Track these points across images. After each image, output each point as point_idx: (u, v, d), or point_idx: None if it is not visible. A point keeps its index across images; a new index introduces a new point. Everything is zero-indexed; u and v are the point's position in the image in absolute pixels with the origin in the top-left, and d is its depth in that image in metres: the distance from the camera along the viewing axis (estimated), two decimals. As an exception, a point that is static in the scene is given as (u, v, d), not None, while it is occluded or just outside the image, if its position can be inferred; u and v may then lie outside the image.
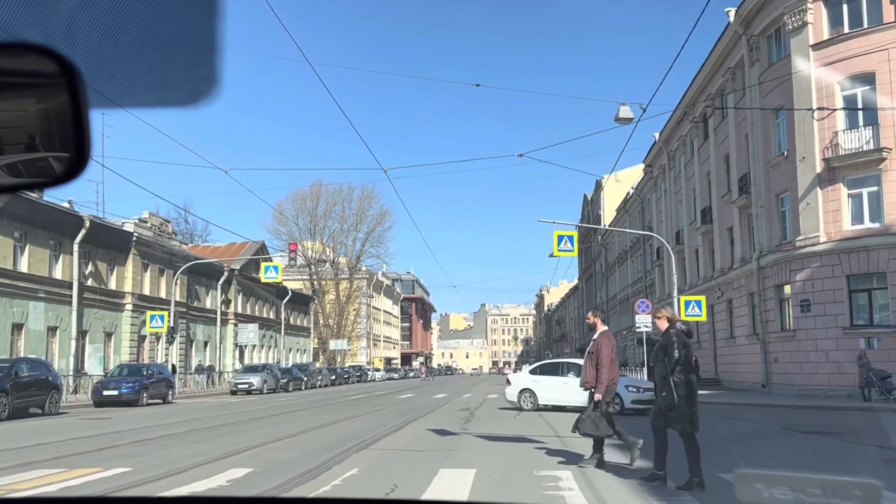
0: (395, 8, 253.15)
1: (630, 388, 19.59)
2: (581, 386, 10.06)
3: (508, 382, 22.25)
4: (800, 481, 1.38)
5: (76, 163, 1.39)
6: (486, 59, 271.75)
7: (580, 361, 21.37)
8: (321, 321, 74.17)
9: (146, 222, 41.59)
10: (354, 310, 79.14)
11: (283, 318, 61.03)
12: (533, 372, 22.23)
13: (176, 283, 39.38)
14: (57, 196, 33.34)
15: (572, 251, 30.17)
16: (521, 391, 21.14)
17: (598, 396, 9.45)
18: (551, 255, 30.59)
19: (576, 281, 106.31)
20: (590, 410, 9.57)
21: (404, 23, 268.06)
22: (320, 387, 47.94)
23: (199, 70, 1.56)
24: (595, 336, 9.91)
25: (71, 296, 32.60)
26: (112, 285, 36.66)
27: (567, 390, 19.56)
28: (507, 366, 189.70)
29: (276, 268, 41.69)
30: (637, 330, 36.27)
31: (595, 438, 9.60)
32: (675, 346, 8.13)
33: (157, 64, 1.59)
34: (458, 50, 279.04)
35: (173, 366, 37.66)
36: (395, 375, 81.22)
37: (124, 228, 37.48)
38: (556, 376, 21.03)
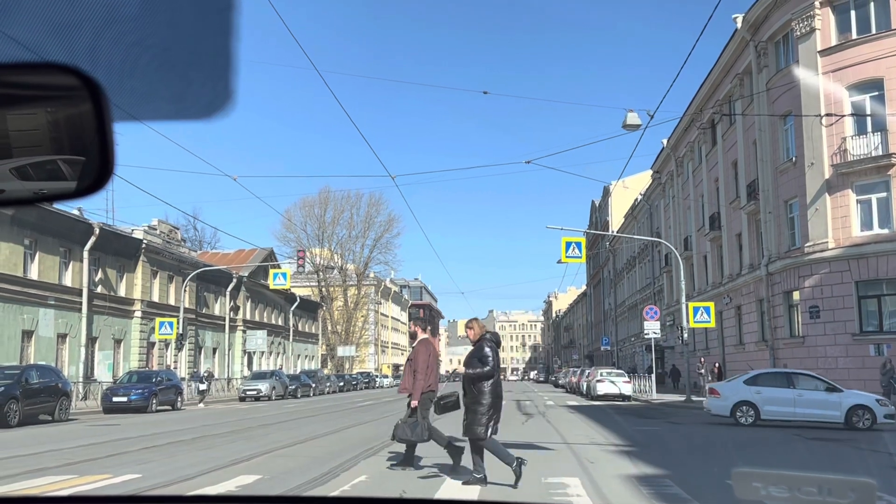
0: (402, 15, 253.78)
1: (882, 403, 18.10)
2: (399, 392, 10.31)
3: (714, 393, 20.00)
4: (796, 480, 1.42)
5: (101, 174, 1.45)
6: (493, 67, 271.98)
7: (811, 373, 20.75)
8: (329, 328, 74.25)
9: (155, 229, 41.74)
10: (362, 316, 79.19)
11: (291, 325, 61.12)
12: (750, 382, 19.52)
13: (185, 290, 39.52)
14: (68, 204, 33.53)
15: (580, 257, 30.18)
16: (738, 404, 18.89)
17: (413, 403, 9.61)
18: (559, 262, 30.57)
19: (584, 287, 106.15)
20: (406, 417, 9.72)
21: (412, 30, 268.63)
22: (328, 393, 47.96)
23: (214, 86, 1.62)
24: (414, 343, 10.14)
25: (80, 303, 32.74)
26: (121, 292, 36.81)
27: (799, 404, 18.21)
28: (514, 372, 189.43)
29: (284, 274, 41.79)
30: (646, 336, 36.18)
31: (408, 444, 9.75)
32: (488, 354, 8.49)
33: (175, 80, 1.66)
34: (466, 57, 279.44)
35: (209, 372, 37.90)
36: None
37: (133, 236, 37.64)
38: (784, 388, 18.87)
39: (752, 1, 29.50)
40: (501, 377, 9.08)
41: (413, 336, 10.33)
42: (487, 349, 8.56)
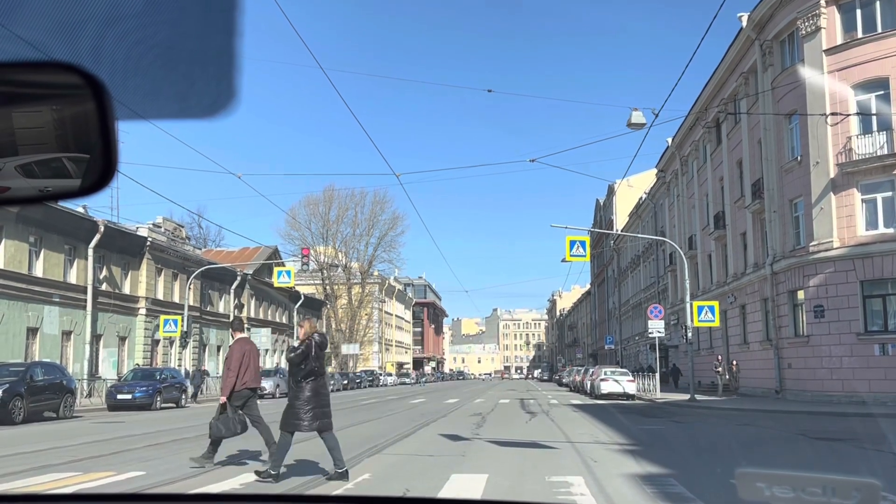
0: (406, 14, 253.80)
1: None
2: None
3: None
4: (800, 480, 1.41)
5: (104, 173, 1.45)
6: (497, 65, 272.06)
7: None
8: (333, 326, 74.32)
9: (160, 227, 41.83)
10: (366, 314, 79.25)
11: (295, 323, 61.06)
12: None
13: (189, 288, 39.58)
14: (72, 202, 33.61)
15: (584, 256, 30.19)
16: None
17: (222, 400, 10.14)
18: (563, 261, 30.60)
19: (588, 286, 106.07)
20: (217, 414, 10.15)
21: (416, 29, 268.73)
22: (332, 391, 47.99)
23: (218, 84, 1.63)
24: (231, 343, 10.73)
25: (85, 300, 32.82)
26: (126, 290, 36.88)
27: None
28: (517, 370, 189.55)
29: (288, 272, 41.87)
30: (650, 335, 36.13)
31: (213, 440, 10.13)
32: (303, 349, 8.81)
33: (179, 78, 1.66)
34: (470, 56, 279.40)
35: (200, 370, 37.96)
36: (407, 380, 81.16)
37: (138, 233, 37.70)
38: None
39: (758, 0, 29.43)
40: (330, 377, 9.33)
41: (232, 337, 10.92)
42: (303, 347, 8.87)
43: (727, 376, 32.16)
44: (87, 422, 21.00)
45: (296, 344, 9.18)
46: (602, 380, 33.93)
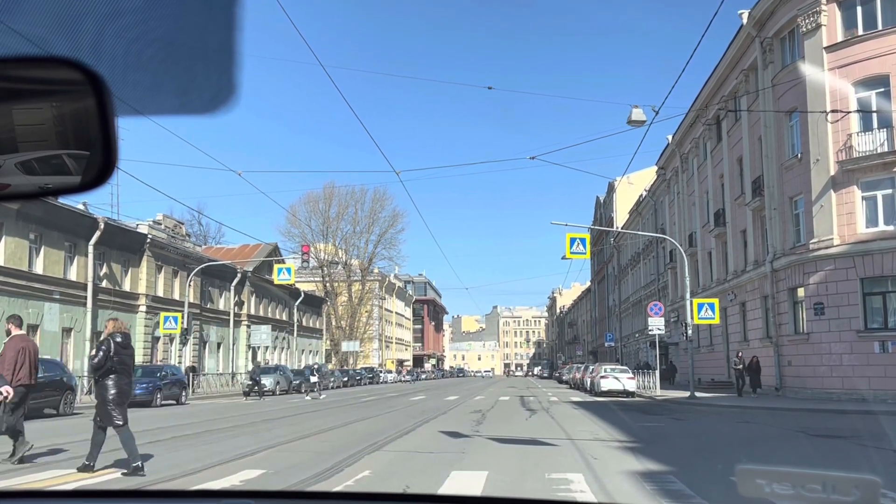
0: (406, 11, 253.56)
1: None
2: None
3: None
4: (800, 477, 1.41)
5: (104, 168, 1.45)
6: (498, 62, 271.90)
7: None
8: (333, 323, 74.32)
9: (160, 224, 41.82)
10: (366, 312, 79.25)
11: (295, 320, 61.19)
12: None
13: (189, 285, 39.58)
14: (72, 198, 33.63)
15: (584, 254, 30.17)
16: None
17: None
18: (563, 258, 30.60)
19: (588, 283, 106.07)
20: None
21: (416, 26, 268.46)
22: (332, 388, 48.03)
23: (218, 80, 1.63)
24: (6, 340, 10.98)
25: (85, 297, 32.81)
26: (126, 287, 36.87)
27: None
28: (518, 368, 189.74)
29: (288, 270, 41.88)
30: (650, 333, 36.13)
31: (14, 436, 10.47)
32: (102, 351, 9.21)
33: (179, 74, 1.66)
34: (471, 53, 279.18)
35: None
36: (408, 377, 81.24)
37: (138, 230, 37.69)
38: None
39: (758, -3, 29.40)
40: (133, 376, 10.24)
41: (8, 333, 11.02)
42: (104, 346, 9.26)
43: (746, 376, 30.91)
44: (88, 419, 20.84)
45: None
46: (602, 377, 33.94)
